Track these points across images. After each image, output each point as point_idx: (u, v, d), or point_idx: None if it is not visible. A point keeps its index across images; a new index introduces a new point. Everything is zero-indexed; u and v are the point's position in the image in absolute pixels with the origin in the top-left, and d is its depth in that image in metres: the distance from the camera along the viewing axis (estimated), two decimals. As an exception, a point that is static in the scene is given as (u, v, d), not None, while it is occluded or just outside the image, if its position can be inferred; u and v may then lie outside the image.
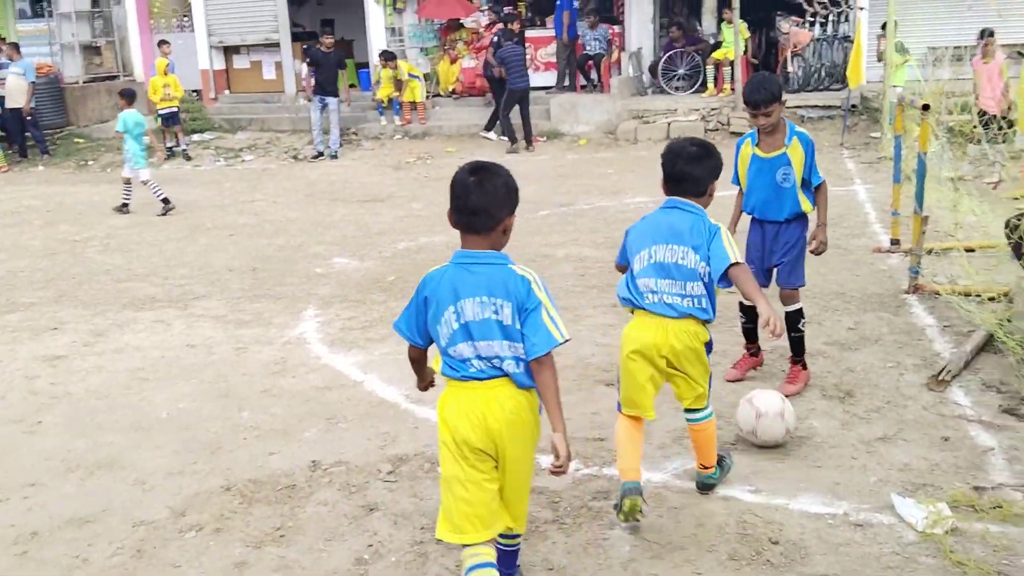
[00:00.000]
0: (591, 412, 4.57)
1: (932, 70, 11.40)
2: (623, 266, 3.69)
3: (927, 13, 11.58)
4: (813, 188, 4.67)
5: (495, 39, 14.37)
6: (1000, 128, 8.08)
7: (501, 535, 2.96)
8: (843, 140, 12.75)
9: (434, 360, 3.00)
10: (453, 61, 16.22)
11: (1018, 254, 5.57)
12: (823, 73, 14.26)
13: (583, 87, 15.74)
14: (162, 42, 15.73)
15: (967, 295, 5.87)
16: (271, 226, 9.71)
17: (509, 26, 14.51)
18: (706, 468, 3.70)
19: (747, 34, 14.01)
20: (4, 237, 9.81)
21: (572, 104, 14.99)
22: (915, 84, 11.25)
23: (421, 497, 3.83)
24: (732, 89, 13.99)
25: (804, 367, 4.83)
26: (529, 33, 16.49)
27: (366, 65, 17.19)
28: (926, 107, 5.92)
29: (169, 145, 15.28)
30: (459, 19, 16.10)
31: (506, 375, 2.84)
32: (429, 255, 8.10)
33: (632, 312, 3.62)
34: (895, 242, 7.31)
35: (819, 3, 14.33)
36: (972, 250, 6.86)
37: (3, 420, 4.87)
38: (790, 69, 14.15)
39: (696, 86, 15.17)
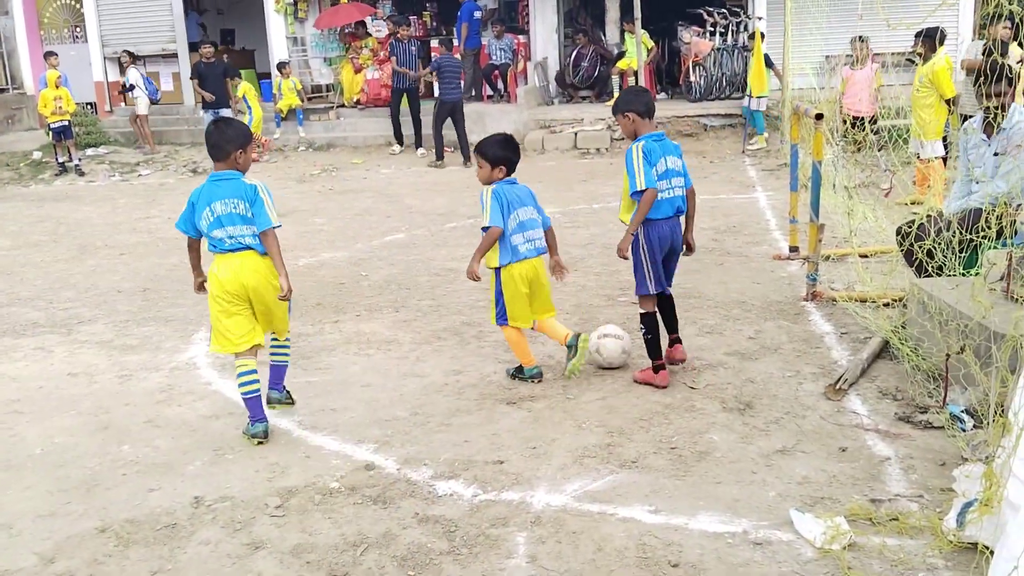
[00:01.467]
0: (491, 433, 4.44)
1: (827, 78, 11.70)
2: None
3: (821, 23, 11.83)
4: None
5: (391, 47, 14.30)
6: (867, 133, 8.29)
7: (274, 344, 4.75)
8: (744, 148, 12.96)
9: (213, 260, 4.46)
10: (357, 71, 15.96)
11: (910, 260, 5.67)
12: (724, 82, 14.49)
13: (490, 97, 15.69)
14: (49, 54, 15.06)
15: (863, 301, 5.96)
16: (165, 244, 9.33)
17: (398, 32, 14.34)
18: None
19: (651, 44, 14.14)
20: None
21: (479, 114, 14.90)
22: (810, 92, 11.52)
23: (310, 532, 3.64)
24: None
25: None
26: (433, 43, 16.43)
27: (268, 75, 16.80)
28: (820, 116, 5.99)
29: (61, 160, 14.65)
30: (364, 28, 15.86)
31: (250, 248, 4.38)
32: (331, 271, 7.88)
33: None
34: (794, 249, 7.41)
35: (719, 14, 14.57)
36: (867, 256, 7.00)
37: None
38: (692, 78, 14.34)
39: (601, 96, 15.27)
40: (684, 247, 5.09)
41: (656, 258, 4.88)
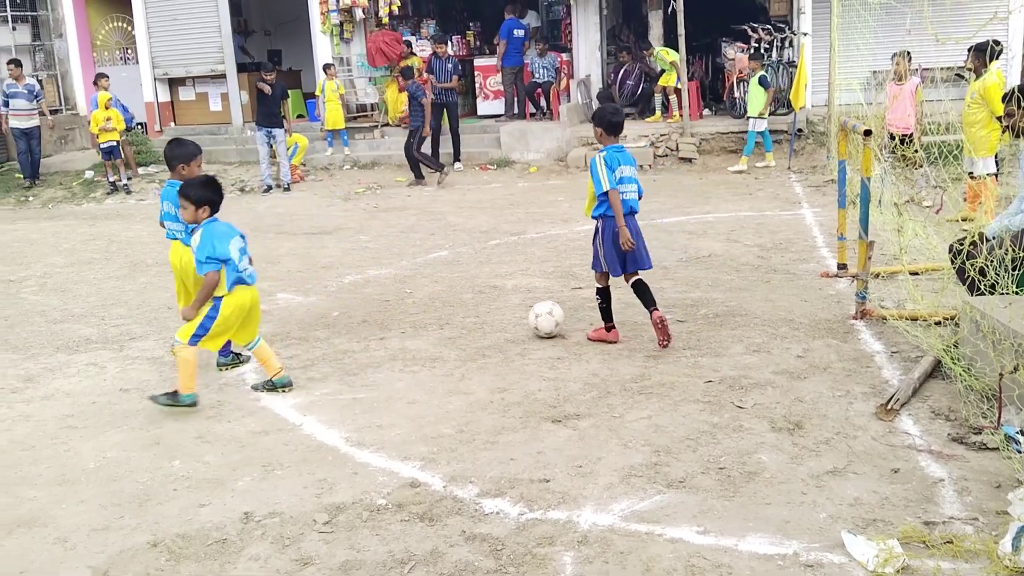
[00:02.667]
0: (537, 451, 4.44)
1: (874, 94, 11.57)
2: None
3: (868, 38, 11.74)
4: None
5: (429, 64, 14.54)
6: (915, 150, 8.14)
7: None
8: (790, 164, 12.85)
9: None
10: (401, 90, 16.11)
11: (962, 278, 5.57)
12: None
13: (532, 115, 15.74)
14: (100, 75, 15.40)
15: (914, 320, 5.86)
16: (214, 261, 9.47)
17: (437, 50, 14.55)
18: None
19: (672, 57, 14.07)
20: (-66, 278, 9.46)
21: (522, 132, 14.98)
22: (857, 108, 11.39)
23: (358, 549, 3.66)
24: (680, 115, 14.07)
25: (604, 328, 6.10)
26: (477, 62, 16.55)
27: (314, 95, 17.04)
28: (868, 132, 5.93)
29: (111, 179, 14.97)
30: (409, 47, 16.03)
31: (176, 239, 5.84)
32: (376, 289, 7.94)
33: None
34: (842, 267, 7.32)
35: (763, 30, 14.48)
36: (918, 274, 6.89)
37: (-82, 476, 4.61)
38: (736, 95, 14.26)
39: (644, 113, 15.25)
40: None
41: (609, 248, 5.81)
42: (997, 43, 8.64)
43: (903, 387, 4.84)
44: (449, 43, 16.38)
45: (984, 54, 8.61)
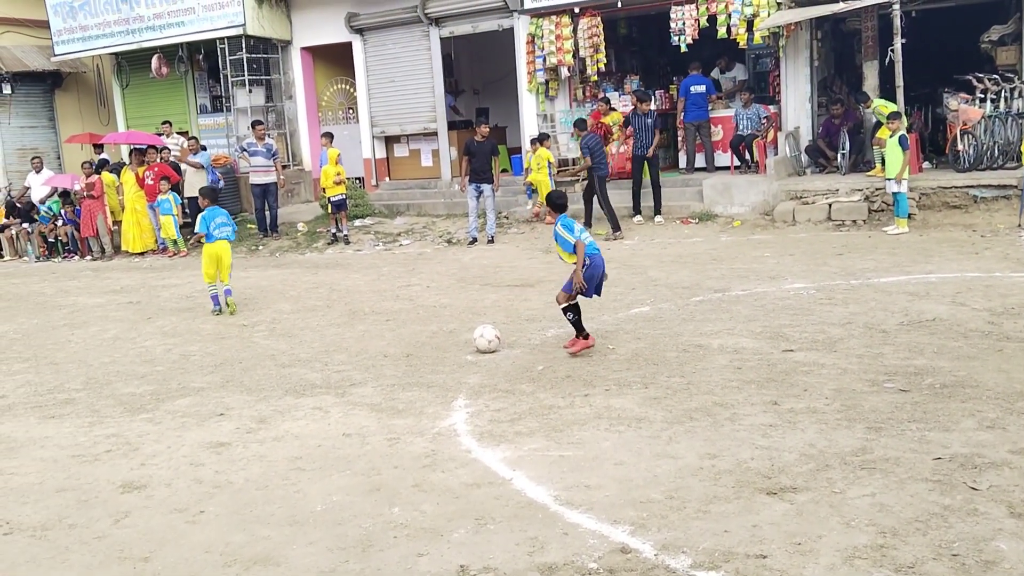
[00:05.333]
0: (752, 524, 4.31)
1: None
2: None
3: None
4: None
5: (627, 118, 14.93)
6: None
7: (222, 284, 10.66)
8: (1021, 221, 11.94)
9: None
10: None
11: None
12: (996, 151, 13.48)
13: (736, 168, 15.51)
14: (326, 134, 16.62)
15: None
16: (425, 311, 9.91)
17: (638, 106, 14.68)
18: None
19: (889, 109, 13.42)
20: (179, 322, 10.43)
21: (725, 185, 14.77)
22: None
23: (571, 612, 3.68)
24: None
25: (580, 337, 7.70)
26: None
27: (519, 151, 17.57)
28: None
29: (332, 231, 16.02)
30: (609, 104, 16.27)
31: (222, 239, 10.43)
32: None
33: None
34: (1088, 337, 6.70)
35: (990, 79, 13.64)
36: None
37: (168, 508, 5.06)
38: (960, 147, 13.46)
39: (858, 166, 14.67)
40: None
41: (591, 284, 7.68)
42: None
43: None
44: (652, 98, 16.51)
45: None
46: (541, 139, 15.81)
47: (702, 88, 15.64)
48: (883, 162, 14.05)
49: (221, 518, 4.88)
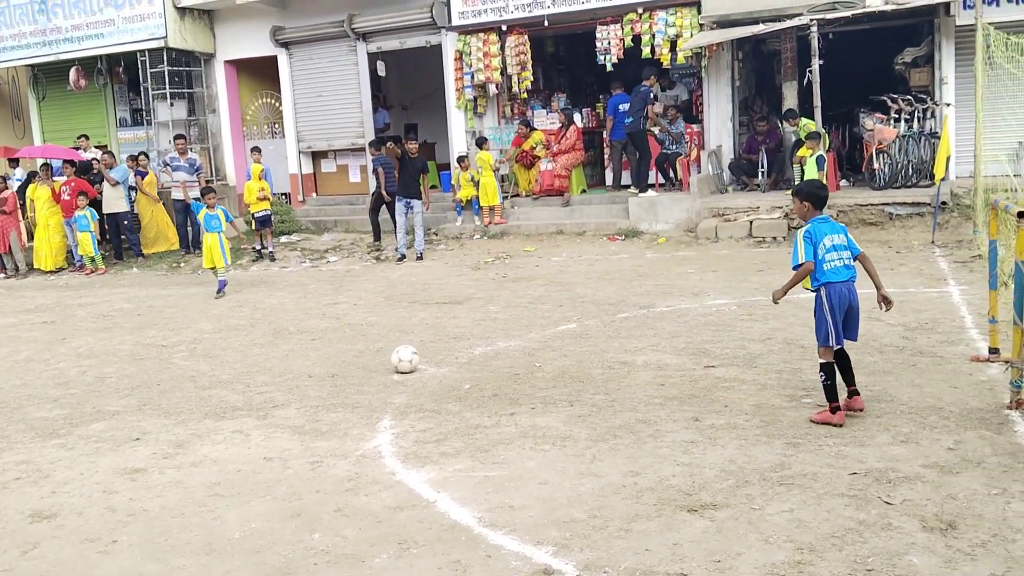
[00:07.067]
0: (672, 542, 4.34)
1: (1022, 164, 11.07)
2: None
3: (1016, 108, 11.32)
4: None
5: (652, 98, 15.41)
6: None
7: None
8: (934, 238, 12.36)
9: None
10: (529, 167, 16.49)
11: None
12: (910, 170, 13.95)
13: (662, 186, 15.75)
14: (255, 149, 16.39)
15: (1078, 413, 5.49)
16: (351, 330, 9.80)
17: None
18: None
19: (812, 127, 13.83)
20: (95, 342, 10.12)
21: (651, 203, 14.98)
22: (1004, 180, 10.90)
23: (492, 636, 3.65)
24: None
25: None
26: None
27: (447, 167, 17.57)
28: (1022, 215, 5.66)
29: (256, 247, 15.76)
30: (528, 126, 16.40)
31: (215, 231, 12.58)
32: (505, 361, 8.02)
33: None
34: (994, 351, 6.94)
35: (904, 100, 14.12)
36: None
37: (79, 538, 4.89)
38: (876, 166, 13.89)
39: (778, 184, 15.04)
40: (883, 303, 6.06)
41: (836, 316, 5.85)
42: None
43: (1069, 488, 4.52)
44: (579, 116, 16.69)
45: None
46: (479, 143, 15.92)
47: (624, 106, 15.85)
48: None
49: (135, 548, 4.72)
